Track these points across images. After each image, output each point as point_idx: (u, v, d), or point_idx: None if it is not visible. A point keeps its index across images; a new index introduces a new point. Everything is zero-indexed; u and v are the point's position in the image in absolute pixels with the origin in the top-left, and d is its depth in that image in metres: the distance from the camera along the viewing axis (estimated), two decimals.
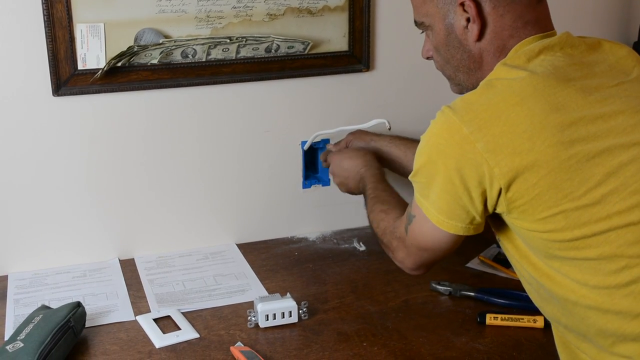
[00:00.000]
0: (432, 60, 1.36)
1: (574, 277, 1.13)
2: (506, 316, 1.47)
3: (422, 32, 1.35)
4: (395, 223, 1.36)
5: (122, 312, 1.54)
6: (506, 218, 1.18)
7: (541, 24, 1.24)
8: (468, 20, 1.23)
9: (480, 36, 1.23)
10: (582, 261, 1.12)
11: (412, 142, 1.73)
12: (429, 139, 1.18)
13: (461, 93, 1.29)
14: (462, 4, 1.23)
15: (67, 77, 1.63)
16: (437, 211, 1.20)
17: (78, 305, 1.44)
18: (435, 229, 1.22)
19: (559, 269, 1.15)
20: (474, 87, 1.21)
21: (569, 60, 1.19)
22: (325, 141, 1.85)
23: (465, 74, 1.29)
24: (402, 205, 1.43)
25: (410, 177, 1.24)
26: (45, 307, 1.46)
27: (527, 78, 1.14)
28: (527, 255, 1.20)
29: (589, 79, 1.17)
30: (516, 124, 1.11)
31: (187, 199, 1.80)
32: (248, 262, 1.76)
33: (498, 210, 1.17)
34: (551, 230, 1.12)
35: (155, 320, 1.50)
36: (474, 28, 1.23)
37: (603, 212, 1.09)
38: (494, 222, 1.24)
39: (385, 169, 1.70)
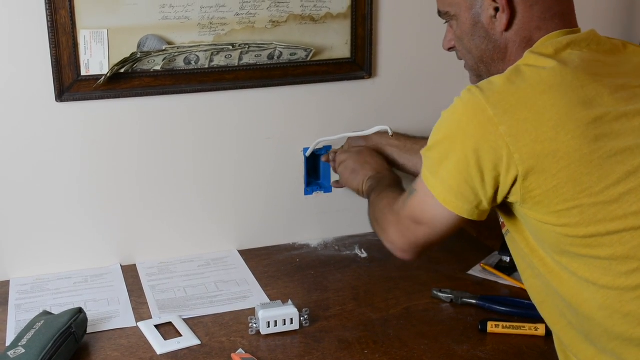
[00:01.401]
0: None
1: (583, 275, 1.13)
2: (507, 324, 1.47)
3: (446, 22, 1.34)
4: (397, 198, 1.34)
5: (124, 318, 1.54)
6: (519, 208, 1.18)
7: (567, 18, 1.25)
8: (496, 10, 1.23)
9: (509, 26, 1.23)
10: (594, 260, 1.12)
11: (410, 136, 1.75)
12: (452, 115, 1.17)
13: None
14: None
15: (70, 83, 1.63)
16: (445, 189, 1.19)
17: (80, 311, 1.44)
18: (438, 206, 1.20)
19: (568, 266, 1.15)
20: None
21: (595, 57, 1.19)
22: (328, 148, 1.85)
23: (488, 65, 1.29)
24: (403, 190, 1.43)
25: (422, 152, 1.23)
26: (46, 313, 1.46)
27: (556, 68, 1.14)
28: (536, 249, 1.20)
29: (614, 77, 1.17)
30: (542, 112, 1.10)
31: (189, 205, 1.81)
32: (250, 268, 1.76)
33: (511, 199, 1.16)
34: (565, 225, 1.12)
35: (157, 326, 1.50)
36: (502, 18, 1.23)
37: (620, 211, 1.09)
38: (504, 213, 1.23)
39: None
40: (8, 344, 1.41)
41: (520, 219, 1.20)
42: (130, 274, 1.73)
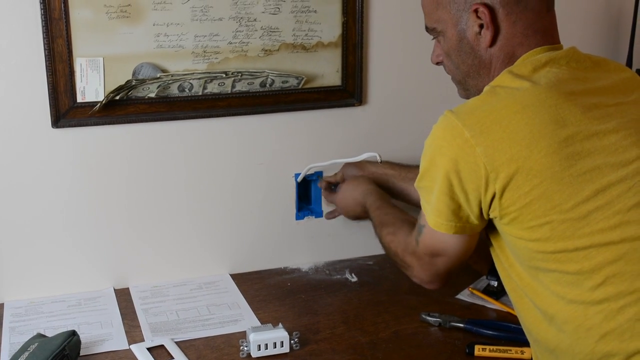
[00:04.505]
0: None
1: (554, 290, 1.16)
2: (494, 347, 1.49)
3: (434, 38, 1.37)
4: (407, 239, 1.38)
5: (117, 341, 1.56)
6: (497, 224, 1.21)
7: (549, 34, 1.28)
8: (481, 26, 1.26)
9: (493, 42, 1.27)
10: (563, 274, 1.15)
11: (404, 165, 1.77)
12: (432, 142, 1.22)
13: (468, 98, 1.32)
14: (476, 11, 1.26)
15: (66, 110, 1.66)
16: (436, 215, 1.23)
17: (73, 333, 1.45)
18: (441, 235, 1.24)
19: (542, 281, 1.18)
20: (481, 92, 1.24)
21: (573, 75, 1.22)
22: (319, 173, 1.88)
23: (474, 79, 1.32)
24: (408, 222, 1.45)
25: (415, 184, 1.28)
26: (40, 336, 1.48)
27: (530, 89, 1.18)
28: (513, 264, 1.23)
29: (589, 95, 1.20)
30: (516, 131, 1.14)
31: (182, 230, 1.83)
32: (241, 292, 1.78)
33: (491, 215, 1.20)
34: (537, 240, 1.15)
35: (149, 349, 1.51)
36: (487, 34, 1.26)
37: (587, 228, 1.12)
38: (487, 228, 1.26)
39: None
40: None
41: (500, 234, 1.24)
42: (123, 297, 1.75)
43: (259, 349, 1.48)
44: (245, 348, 1.49)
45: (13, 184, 1.68)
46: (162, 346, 1.53)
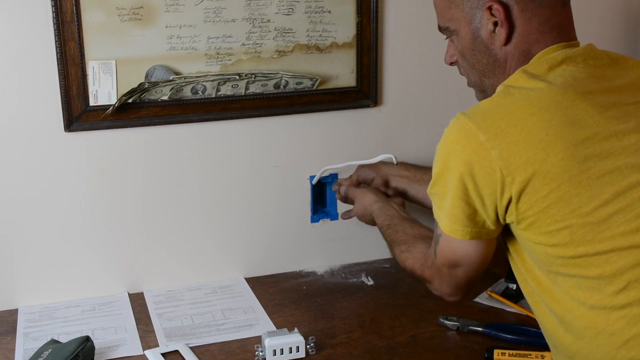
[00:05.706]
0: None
1: (574, 295, 1.14)
2: (514, 352, 1.46)
3: (447, 37, 1.35)
4: (424, 253, 1.36)
5: (131, 346, 1.55)
6: (514, 229, 1.19)
7: (565, 30, 1.25)
8: (495, 24, 1.24)
9: (508, 40, 1.24)
10: (583, 279, 1.13)
11: (420, 167, 1.75)
12: (445, 145, 1.19)
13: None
14: (490, 8, 1.23)
15: (78, 113, 1.65)
16: (451, 221, 1.20)
17: (87, 339, 1.45)
18: (462, 243, 1.22)
19: (561, 285, 1.15)
20: None
21: (590, 73, 1.20)
22: (334, 176, 1.86)
23: (490, 78, 1.29)
24: (420, 237, 1.44)
25: (428, 190, 1.25)
26: (54, 341, 1.47)
27: (545, 89, 1.15)
28: (531, 269, 1.21)
29: (607, 93, 1.17)
30: (532, 134, 1.11)
31: (197, 233, 1.82)
32: (256, 296, 1.77)
33: (508, 220, 1.18)
34: (556, 245, 1.13)
35: (164, 354, 1.50)
36: (501, 32, 1.24)
37: (608, 232, 1.10)
38: (503, 232, 1.24)
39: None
40: None
41: (517, 239, 1.21)
42: (138, 302, 1.74)
43: (275, 354, 1.47)
44: (261, 353, 1.48)
45: (26, 188, 1.67)
46: (176, 351, 1.52)
